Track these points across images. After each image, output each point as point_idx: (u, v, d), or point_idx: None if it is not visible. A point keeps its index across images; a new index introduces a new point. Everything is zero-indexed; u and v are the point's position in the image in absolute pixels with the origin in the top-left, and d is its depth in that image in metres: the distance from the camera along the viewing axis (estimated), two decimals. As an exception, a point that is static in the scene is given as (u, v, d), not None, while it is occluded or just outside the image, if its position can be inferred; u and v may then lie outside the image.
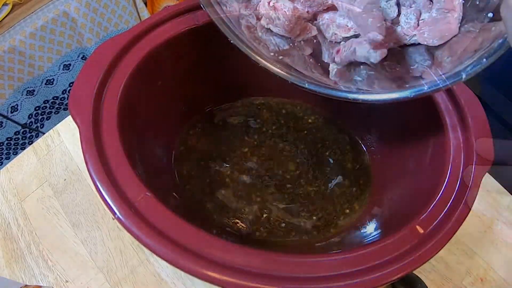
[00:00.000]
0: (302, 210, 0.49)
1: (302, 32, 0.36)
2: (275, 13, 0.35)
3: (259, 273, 0.28)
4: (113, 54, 0.39)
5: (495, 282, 0.47)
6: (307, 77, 0.35)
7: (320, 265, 0.29)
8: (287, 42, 0.37)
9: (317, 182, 0.52)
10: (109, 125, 0.35)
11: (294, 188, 0.51)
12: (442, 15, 0.31)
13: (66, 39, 1.06)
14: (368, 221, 0.46)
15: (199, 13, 0.46)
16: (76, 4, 1.01)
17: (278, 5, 0.34)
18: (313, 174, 0.52)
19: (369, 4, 0.31)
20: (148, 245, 0.28)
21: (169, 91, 0.49)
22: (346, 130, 0.57)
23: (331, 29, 0.35)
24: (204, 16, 0.46)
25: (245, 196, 0.50)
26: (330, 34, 0.35)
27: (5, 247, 0.48)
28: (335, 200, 0.50)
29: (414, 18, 0.32)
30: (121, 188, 0.31)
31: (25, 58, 0.99)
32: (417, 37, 0.32)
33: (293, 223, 0.48)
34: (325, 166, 0.53)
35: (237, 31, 0.37)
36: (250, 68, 0.58)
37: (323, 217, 0.49)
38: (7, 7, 0.98)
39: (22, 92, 1.04)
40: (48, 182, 0.53)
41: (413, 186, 0.43)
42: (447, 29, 0.31)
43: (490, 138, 0.38)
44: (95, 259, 0.47)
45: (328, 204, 0.50)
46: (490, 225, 0.51)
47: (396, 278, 0.28)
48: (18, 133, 1.09)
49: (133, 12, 1.19)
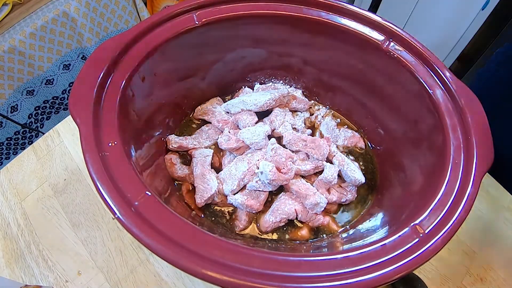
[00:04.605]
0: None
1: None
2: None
3: (259, 273, 0.28)
4: (113, 54, 0.39)
5: (495, 282, 0.47)
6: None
7: (320, 265, 0.29)
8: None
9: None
10: (109, 125, 0.35)
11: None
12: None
13: (66, 39, 1.06)
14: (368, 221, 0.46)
15: (198, 13, 0.46)
16: (76, 4, 1.01)
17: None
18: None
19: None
20: (148, 245, 0.28)
21: (169, 91, 0.49)
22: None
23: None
24: (203, 16, 0.46)
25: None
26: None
27: (5, 247, 0.48)
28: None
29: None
30: (121, 188, 0.31)
31: (25, 58, 0.99)
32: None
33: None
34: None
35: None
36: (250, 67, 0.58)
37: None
38: (7, 7, 0.98)
39: (22, 92, 1.04)
40: (48, 182, 0.53)
41: (413, 186, 0.43)
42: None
43: (490, 138, 0.38)
44: (95, 259, 0.47)
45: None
46: (490, 225, 0.51)
47: (396, 278, 0.28)
48: (18, 133, 1.09)
49: (133, 12, 1.19)
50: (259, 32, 0.50)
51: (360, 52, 0.48)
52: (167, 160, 0.49)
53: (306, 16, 0.48)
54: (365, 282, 0.28)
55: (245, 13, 0.47)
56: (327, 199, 0.47)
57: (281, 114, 0.54)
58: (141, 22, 0.43)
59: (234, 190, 0.47)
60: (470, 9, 1.11)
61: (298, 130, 0.54)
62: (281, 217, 0.45)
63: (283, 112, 0.54)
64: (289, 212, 0.45)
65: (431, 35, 1.24)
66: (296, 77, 0.58)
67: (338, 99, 0.58)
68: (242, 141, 0.50)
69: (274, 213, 0.45)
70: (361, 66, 0.50)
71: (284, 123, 0.53)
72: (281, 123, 0.53)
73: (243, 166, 0.47)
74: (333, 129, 0.55)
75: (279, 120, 0.53)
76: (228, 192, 0.46)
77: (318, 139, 0.50)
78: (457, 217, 0.32)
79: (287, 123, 0.53)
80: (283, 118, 0.53)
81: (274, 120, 0.52)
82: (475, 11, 1.10)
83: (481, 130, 0.38)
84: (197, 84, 0.53)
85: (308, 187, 0.47)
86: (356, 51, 0.49)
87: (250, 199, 0.46)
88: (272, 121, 0.52)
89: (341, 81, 0.54)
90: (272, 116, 0.53)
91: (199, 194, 0.46)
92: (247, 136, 0.49)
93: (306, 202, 0.46)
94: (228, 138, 0.50)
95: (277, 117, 0.53)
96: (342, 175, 0.50)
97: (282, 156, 0.46)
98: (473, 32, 1.16)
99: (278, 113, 0.53)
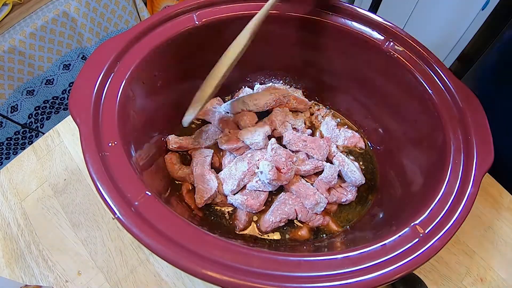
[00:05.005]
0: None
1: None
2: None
3: (259, 273, 0.28)
4: (113, 54, 0.39)
5: (495, 282, 0.47)
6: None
7: (320, 265, 0.29)
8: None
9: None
10: (109, 125, 0.35)
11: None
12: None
13: (66, 39, 1.06)
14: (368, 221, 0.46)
15: (198, 13, 0.46)
16: (76, 4, 1.01)
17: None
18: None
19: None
20: (148, 245, 0.28)
21: (169, 91, 0.49)
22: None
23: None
24: (203, 16, 0.46)
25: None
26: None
27: (5, 247, 0.48)
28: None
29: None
30: (121, 188, 0.31)
31: (25, 58, 0.99)
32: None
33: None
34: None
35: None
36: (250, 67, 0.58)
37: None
38: (7, 7, 0.98)
39: (22, 92, 1.04)
40: (48, 182, 0.53)
41: (413, 186, 0.43)
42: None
43: (490, 138, 0.38)
44: (95, 259, 0.47)
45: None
46: (490, 225, 0.51)
47: (396, 278, 0.28)
48: (18, 133, 1.09)
49: (133, 12, 1.19)
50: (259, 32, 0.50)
51: (360, 52, 0.48)
52: (167, 160, 0.49)
53: (306, 16, 0.48)
54: (365, 282, 0.28)
55: (245, 13, 0.47)
56: (327, 199, 0.47)
57: (281, 114, 0.54)
58: (141, 22, 0.43)
59: (234, 190, 0.47)
60: (470, 9, 1.11)
61: (298, 130, 0.54)
62: (281, 217, 0.45)
63: (283, 112, 0.54)
64: (289, 212, 0.45)
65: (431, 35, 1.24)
66: (296, 77, 0.58)
67: (338, 99, 0.58)
68: (242, 141, 0.50)
69: (274, 213, 0.45)
70: (361, 66, 0.50)
71: (284, 123, 0.53)
72: (281, 123, 0.53)
73: (243, 166, 0.47)
74: (333, 129, 0.55)
75: (279, 120, 0.53)
76: (228, 192, 0.46)
77: (318, 139, 0.50)
78: (457, 217, 0.32)
79: (287, 123, 0.53)
80: (283, 118, 0.53)
81: (274, 120, 0.53)
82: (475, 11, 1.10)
83: (481, 130, 0.38)
84: (197, 84, 0.53)
85: (308, 187, 0.47)
86: (356, 51, 0.49)
87: (250, 199, 0.46)
88: (272, 121, 0.53)
89: (341, 81, 0.54)
90: (272, 116, 0.53)
91: (199, 194, 0.46)
92: (247, 136, 0.49)
93: (306, 202, 0.46)
94: (228, 138, 0.50)
95: (277, 117, 0.53)
96: (342, 175, 0.50)
97: (282, 156, 0.47)
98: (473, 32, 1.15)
99: (278, 113, 0.53)
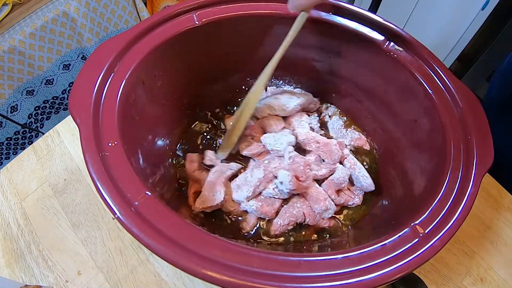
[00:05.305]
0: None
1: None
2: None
3: (259, 273, 0.28)
4: (113, 54, 0.39)
5: (495, 282, 0.47)
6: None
7: (320, 265, 0.29)
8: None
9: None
10: (109, 125, 0.35)
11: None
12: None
13: (66, 39, 1.06)
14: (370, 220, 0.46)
15: (198, 13, 0.46)
16: (76, 4, 1.01)
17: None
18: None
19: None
20: (148, 245, 0.28)
21: (169, 91, 0.49)
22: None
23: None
24: (203, 16, 0.46)
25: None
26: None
27: (5, 247, 0.48)
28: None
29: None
30: (121, 188, 0.31)
31: (25, 58, 0.99)
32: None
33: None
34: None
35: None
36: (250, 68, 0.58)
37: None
38: (7, 7, 0.98)
39: (22, 92, 1.04)
40: (48, 182, 0.53)
41: (413, 186, 0.43)
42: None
43: (490, 138, 0.38)
44: (95, 259, 0.47)
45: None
46: (490, 225, 0.51)
47: (396, 278, 0.28)
48: (18, 133, 1.09)
49: (133, 12, 1.19)
50: (259, 32, 0.50)
51: (360, 52, 0.48)
52: (189, 157, 0.50)
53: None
54: (365, 282, 0.28)
55: (245, 13, 0.47)
56: (336, 201, 0.47)
57: (298, 114, 0.54)
58: (141, 22, 0.43)
59: (250, 197, 0.46)
60: (470, 9, 1.11)
61: (314, 129, 0.55)
62: (290, 219, 0.45)
63: (299, 113, 0.55)
64: (297, 214, 0.45)
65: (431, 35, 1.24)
66: (296, 77, 0.58)
67: (337, 99, 0.58)
68: (263, 146, 0.50)
69: (282, 216, 0.45)
70: (360, 66, 0.50)
71: (301, 122, 0.54)
72: (299, 123, 0.53)
73: (259, 173, 0.47)
74: (339, 129, 0.55)
75: (296, 121, 0.54)
76: (242, 199, 0.46)
77: (331, 144, 0.50)
78: (457, 217, 0.32)
79: (304, 122, 0.54)
80: (300, 118, 0.54)
81: (292, 121, 0.53)
82: (475, 11, 1.10)
83: (481, 130, 0.38)
84: (197, 84, 0.53)
85: (320, 191, 0.47)
86: (355, 51, 0.49)
87: (265, 206, 0.46)
88: (290, 122, 0.53)
89: (341, 81, 0.54)
90: (290, 117, 0.54)
91: (201, 199, 0.46)
92: (270, 141, 0.49)
93: (316, 206, 0.46)
94: (249, 144, 0.50)
95: (295, 117, 0.54)
96: (353, 179, 0.50)
97: (300, 164, 0.46)
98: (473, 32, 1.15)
99: (294, 113, 0.54)
